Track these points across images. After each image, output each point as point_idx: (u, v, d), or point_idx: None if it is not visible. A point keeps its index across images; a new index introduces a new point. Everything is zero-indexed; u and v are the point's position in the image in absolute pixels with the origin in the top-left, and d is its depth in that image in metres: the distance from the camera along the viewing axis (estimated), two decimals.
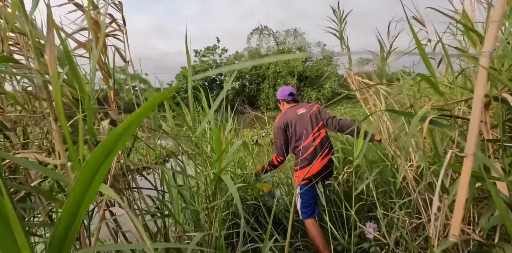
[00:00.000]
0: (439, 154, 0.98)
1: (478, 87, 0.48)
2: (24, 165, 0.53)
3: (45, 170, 0.54)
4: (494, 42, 0.48)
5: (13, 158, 0.56)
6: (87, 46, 1.24)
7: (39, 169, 0.55)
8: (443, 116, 0.90)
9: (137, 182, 1.14)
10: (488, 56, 0.51)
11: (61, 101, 0.62)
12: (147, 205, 1.23)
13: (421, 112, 0.84)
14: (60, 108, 0.53)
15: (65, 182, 0.60)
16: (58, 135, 0.57)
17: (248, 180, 2.49)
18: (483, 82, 0.48)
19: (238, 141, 1.27)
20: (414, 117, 0.78)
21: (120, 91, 1.31)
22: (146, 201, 1.21)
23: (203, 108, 1.78)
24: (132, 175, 1.10)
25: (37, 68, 0.57)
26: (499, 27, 0.48)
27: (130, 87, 1.36)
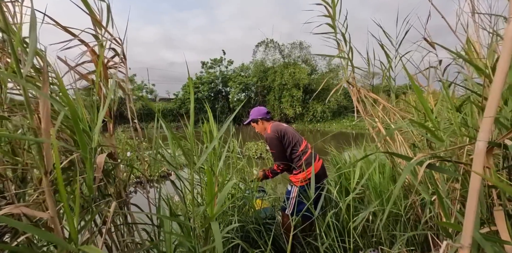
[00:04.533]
0: (440, 194, 0.94)
1: (474, 165, 0.46)
2: (6, 223, 0.52)
3: (27, 227, 0.53)
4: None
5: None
6: (89, 78, 1.27)
7: (20, 227, 0.54)
8: (443, 160, 0.87)
9: (134, 217, 1.12)
10: (489, 126, 0.50)
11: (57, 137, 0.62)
12: (142, 239, 1.21)
13: (415, 159, 0.81)
14: (57, 169, 0.52)
15: (52, 240, 0.59)
16: (48, 191, 0.57)
17: (249, 201, 2.47)
18: (480, 163, 0.46)
19: (231, 181, 1.25)
20: (408, 164, 0.76)
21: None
22: (141, 235, 1.19)
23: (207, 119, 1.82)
24: (127, 207, 1.09)
25: (30, 124, 0.58)
26: (499, 95, 0.47)
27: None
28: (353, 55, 1.74)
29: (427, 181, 1.58)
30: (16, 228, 0.83)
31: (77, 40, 1.19)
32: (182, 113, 26.56)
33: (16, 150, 0.82)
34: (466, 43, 1.63)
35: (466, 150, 1.04)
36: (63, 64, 1.25)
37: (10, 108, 0.81)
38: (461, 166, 0.93)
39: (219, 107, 27.40)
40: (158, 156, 1.36)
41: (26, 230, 0.51)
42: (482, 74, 1.22)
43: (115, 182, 1.05)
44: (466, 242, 0.45)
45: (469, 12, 1.64)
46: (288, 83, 25.12)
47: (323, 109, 25.32)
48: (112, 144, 1.12)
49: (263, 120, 2.69)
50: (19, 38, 0.60)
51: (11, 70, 0.69)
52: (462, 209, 1.22)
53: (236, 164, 2.93)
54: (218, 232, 0.79)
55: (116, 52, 1.23)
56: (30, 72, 0.88)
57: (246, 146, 9.63)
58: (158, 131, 1.45)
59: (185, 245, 1.04)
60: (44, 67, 0.60)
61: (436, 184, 0.96)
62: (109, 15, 1.24)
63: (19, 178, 0.84)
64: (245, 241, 2.25)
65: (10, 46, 0.55)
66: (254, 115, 2.72)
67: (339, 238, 2.11)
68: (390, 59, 1.91)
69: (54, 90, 0.92)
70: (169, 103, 28.64)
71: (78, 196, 0.54)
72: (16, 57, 0.56)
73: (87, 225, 0.81)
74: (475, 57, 1.55)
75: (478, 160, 0.45)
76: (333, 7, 1.81)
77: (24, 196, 0.86)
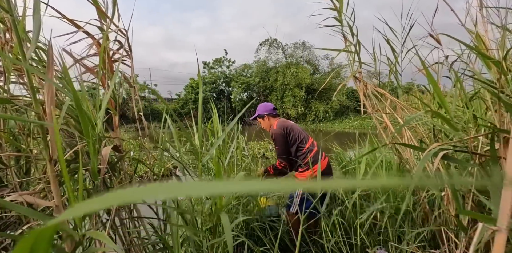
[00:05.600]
0: (455, 191, 0.92)
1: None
2: (10, 208, 0.50)
3: (30, 212, 0.51)
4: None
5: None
6: (94, 71, 1.25)
7: (25, 212, 0.52)
8: (458, 151, 0.85)
9: (139, 211, 1.11)
10: None
11: (62, 128, 0.60)
12: (148, 234, 1.19)
13: (431, 147, 0.79)
14: (60, 156, 0.51)
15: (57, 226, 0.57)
16: (53, 177, 0.55)
17: (254, 200, 2.45)
18: None
19: (241, 173, 1.23)
20: (424, 155, 0.73)
21: (129, 102, 1.31)
22: (146, 230, 1.17)
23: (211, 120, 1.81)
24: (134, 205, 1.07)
25: (34, 109, 0.56)
26: None
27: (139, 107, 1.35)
28: (360, 48, 1.71)
29: (436, 177, 1.55)
30: (19, 219, 0.81)
31: (82, 33, 1.17)
32: (184, 113, 26.62)
33: (21, 136, 0.80)
34: (476, 37, 1.61)
35: (481, 143, 1.01)
36: (69, 58, 1.24)
37: (13, 96, 0.80)
38: (476, 158, 0.91)
39: (222, 107, 27.42)
40: (164, 151, 1.33)
41: (30, 215, 0.49)
42: (495, 65, 1.19)
43: (120, 175, 1.04)
44: (504, 224, 0.42)
45: (477, 7, 1.62)
46: (290, 83, 25.08)
47: (325, 109, 25.25)
48: (117, 136, 1.11)
49: (269, 116, 2.65)
50: (24, 19, 0.59)
51: (15, 57, 0.68)
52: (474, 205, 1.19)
53: (241, 161, 2.91)
54: (227, 223, 0.77)
55: (121, 44, 1.21)
56: (33, 61, 0.87)
57: (249, 145, 9.61)
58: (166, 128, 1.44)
59: (192, 239, 1.02)
60: (49, 51, 0.58)
61: (449, 180, 0.93)
62: (115, 7, 1.22)
63: (23, 169, 0.82)
64: (250, 239, 2.23)
65: (13, 27, 0.53)
66: (261, 110, 2.69)
67: (345, 236, 2.08)
68: (396, 53, 1.88)
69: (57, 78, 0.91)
70: (171, 104, 28.70)
71: (82, 178, 0.53)
72: (19, 40, 0.55)
73: (91, 214, 0.79)
74: (485, 50, 1.53)
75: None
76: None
77: (28, 187, 0.84)
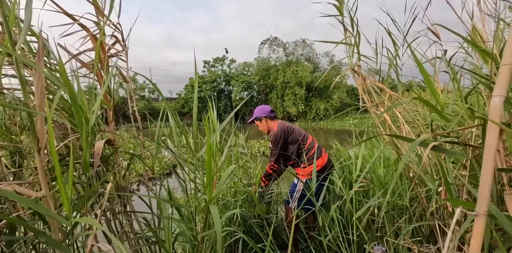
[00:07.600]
0: (448, 182, 0.91)
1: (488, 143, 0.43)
2: (3, 194, 0.51)
3: (21, 199, 0.52)
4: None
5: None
6: (90, 66, 1.25)
7: (15, 198, 0.52)
8: (449, 142, 0.84)
9: (132, 205, 1.11)
10: (506, 78, 0.47)
11: (54, 121, 0.60)
12: (141, 228, 1.20)
13: (420, 138, 0.78)
14: (52, 145, 0.51)
15: (45, 213, 0.57)
16: (41, 167, 0.55)
17: (252, 198, 2.46)
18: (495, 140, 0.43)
19: (232, 166, 1.23)
20: (412, 144, 0.73)
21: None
22: (140, 224, 1.18)
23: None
24: (127, 199, 1.07)
25: (24, 100, 0.56)
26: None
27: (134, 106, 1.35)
28: (360, 40, 1.70)
29: (433, 172, 1.55)
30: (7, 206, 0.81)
31: (77, 26, 1.17)
32: (184, 113, 26.61)
33: (11, 127, 0.81)
34: (472, 30, 1.60)
35: (474, 135, 1.01)
36: (64, 53, 1.23)
37: (3, 87, 0.80)
38: (469, 150, 0.90)
39: (222, 106, 27.39)
40: (162, 144, 1.33)
41: (20, 201, 0.49)
42: (490, 58, 1.19)
43: (113, 169, 1.04)
44: (482, 209, 0.42)
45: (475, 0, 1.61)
46: (290, 81, 25.04)
47: (326, 107, 25.22)
48: (112, 131, 1.11)
49: (267, 118, 2.68)
50: (14, 10, 0.59)
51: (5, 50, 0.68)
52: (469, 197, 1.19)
53: (239, 158, 2.91)
54: (217, 215, 0.76)
55: (117, 39, 1.21)
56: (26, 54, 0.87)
57: (249, 144, 9.62)
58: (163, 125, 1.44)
59: (185, 234, 1.03)
60: (40, 42, 0.59)
61: (442, 171, 0.93)
62: (112, 3, 1.22)
63: (16, 162, 0.82)
64: (248, 236, 2.24)
65: (1, 16, 0.53)
66: (258, 113, 2.71)
67: (343, 231, 2.08)
68: (397, 46, 1.88)
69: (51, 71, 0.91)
70: (172, 103, 28.66)
71: (72, 167, 0.53)
72: (9, 29, 0.54)
73: (82, 203, 0.78)
74: (481, 43, 1.52)
75: (495, 114, 0.42)
76: None
77: (20, 179, 0.84)
